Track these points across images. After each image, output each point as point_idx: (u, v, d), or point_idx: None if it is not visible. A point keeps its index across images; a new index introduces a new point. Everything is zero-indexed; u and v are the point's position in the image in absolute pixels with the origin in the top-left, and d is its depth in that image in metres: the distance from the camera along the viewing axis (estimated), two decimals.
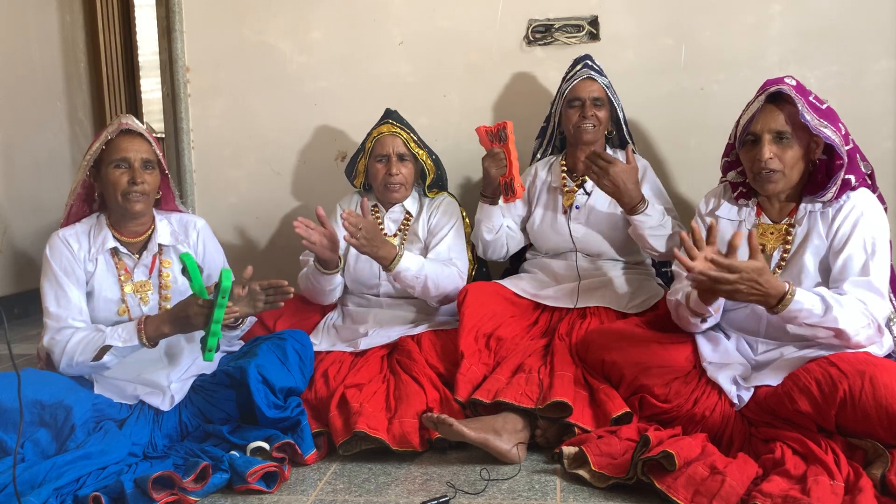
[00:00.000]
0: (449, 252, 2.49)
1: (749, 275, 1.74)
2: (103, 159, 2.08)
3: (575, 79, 2.52)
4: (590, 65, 2.54)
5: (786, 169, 1.95)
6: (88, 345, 1.99)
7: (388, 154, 2.50)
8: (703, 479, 1.64)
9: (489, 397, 2.01)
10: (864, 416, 1.69)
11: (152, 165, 2.10)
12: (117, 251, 2.13)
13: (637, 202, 2.31)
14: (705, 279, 1.77)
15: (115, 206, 2.10)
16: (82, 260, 2.09)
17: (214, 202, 3.18)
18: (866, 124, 2.59)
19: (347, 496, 1.80)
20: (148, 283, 2.13)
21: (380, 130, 2.54)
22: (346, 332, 2.46)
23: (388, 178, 2.50)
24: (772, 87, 1.95)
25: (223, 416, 2.05)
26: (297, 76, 3.09)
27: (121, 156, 2.05)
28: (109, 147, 2.07)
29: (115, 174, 2.05)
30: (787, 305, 1.77)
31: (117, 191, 2.05)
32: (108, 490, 1.75)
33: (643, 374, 1.98)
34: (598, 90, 2.50)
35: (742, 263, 1.75)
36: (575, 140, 2.55)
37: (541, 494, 1.76)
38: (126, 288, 2.11)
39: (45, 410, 1.91)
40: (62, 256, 2.07)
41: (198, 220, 2.27)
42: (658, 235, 2.34)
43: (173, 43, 3.11)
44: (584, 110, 2.48)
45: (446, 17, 2.97)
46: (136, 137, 2.09)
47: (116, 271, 2.12)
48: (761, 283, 1.75)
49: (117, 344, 1.98)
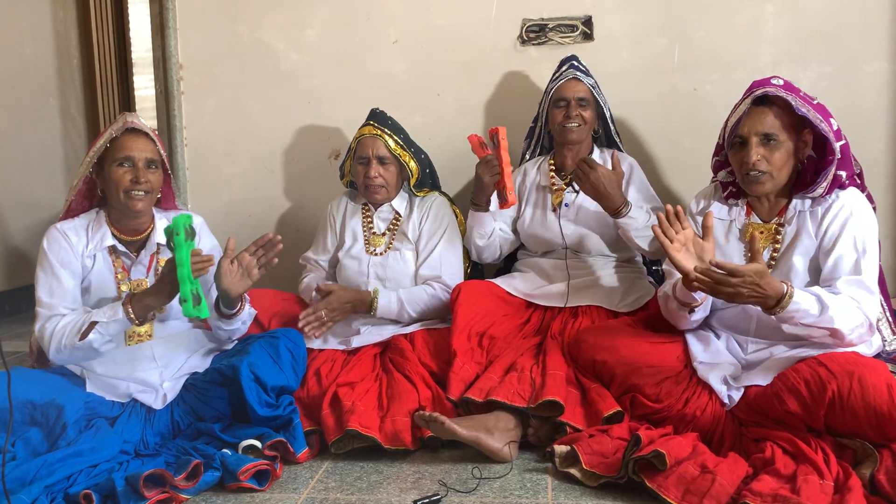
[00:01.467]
0: (440, 262, 2.49)
1: (751, 278, 1.75)
2: (107, 157, 2.07)
3: (561, 79, 2.53)
4: (575, 65, 2.57)
5: (774, 170, 1.96)
6: (74, 326, 1.99)
7: (368, 156, 2.49)
8: (693, 479, 1.64)
9: (481, 396, 2.02)
10: (852, 416, 1.70)
11: (156, 165, 2.10)
12: (115, 249, 2.12)
13: (620, 206, 2.33)
14: (707, 280, 1.78)
15: (116, 204, 2.09)
16: (80, 254, 2.09)
17: (207, 200, 3.18)
18: (858, 125, 2.60)
19: (339, 494, 1.80)
20: (145, 282, 2.12)
21: (362, 132, 2.53)
22: (338, 330, 2.46)
23: (367, 180, 2.49)
24: (758, 90, 1.96)
25: (215, 415, 2.05)
26: (291, 74, 3.09)
27: (125, 154, 2.05)
28: (114, 145, 2.06)
29: (118, 172, 2.05)
30: (786, 307, 1.78)
31: (120, 189, 2.05)
32: (99, 488, 1.75)
33: (634, 374, 1.99)
34: (583, 90, 2.51)
35: (744, 267, 1.76)
36: (561, 139, 2.57)
37: (532, 493, 1.77)
38: (122, 287, 2.11)
39: (37, 410, 1.90)
40: (60, 247, 2.07)
41: (196, 218, 2.25)
42: (644, 236, 2.36)
43: (167, 40, 3.11)
44: (568, 110, 2.50)
45: (441, 16, 2.97)
46: (140, 136, 2.08)
47: (113, 269, 2.11)
48: (762, 285, 1.76)
49: (102, 319, 1.97)
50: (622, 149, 2.66)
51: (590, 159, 2.35)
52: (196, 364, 2.16)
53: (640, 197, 2.51)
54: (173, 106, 3.13)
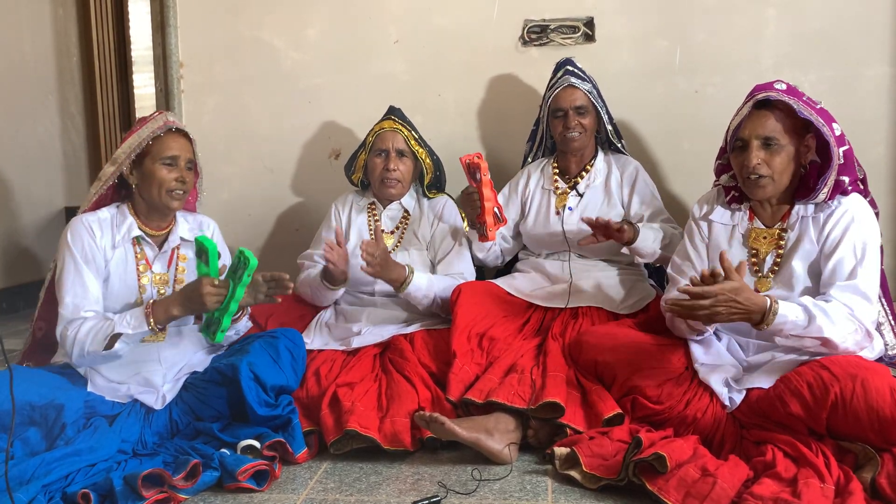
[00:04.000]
0: (459, 262, 2.52)
1: (725, 295, 1.74)
2: (148, 154, 2.10)
3: (556, 87, 2.51)
4: (571, 70, 2.54)
5: (774, 174, 1.95)
6: (98, 334, 1.98)
7: (388, 149, 2.51)
8: (694, 481, 1.64)
9: (481, 397, 2.01)
10: (854, 419, 1.70)
11: (192, 166, 2.17)
12: (140, 240, 2.14)
13: (627, 241, 2.32)
14: (679, 309, 1.77)
15: (153, 201, 2.12)
16: (103, 247, 2.10)
17: (207, 198, 3.14)
18: (859, 129, 2.58)
19: (338, 495, 1.79)
20: (165, 276, 2.15)
21: (381, 126, 2.56)
22: (338, 330, 2.45)
23: (386, 173, 2.50)
24: (760, 94, 1.96)
25: (214, 414, 2.04)
26: (292, 73, 3.08)
27: (170, 154, 2.09)
28: (157, 144, 2.09)
29: (162, 171, 2.08)
30: (773, 320, 1.78)
31: (163, 188, 2.08)
32: (97, 487, 1.74)
33: (636, 376, 1.98)
34: (581, 98, 2.50)
35: (713, 287, 1.75)
36: (563, 148, 2.57)
37: (532, 495, 1.76)
38: (143, 279, 2.12)
39: (36, 411, 1.90)
40: (83, 242, 2.07)
41: (211, 222, 2.32)
42: (658, 252, 2.36)
43: (167, 38, 3.11)
44: (567, 121, 2.49)
45: (442, 16, 2.97)
46: (181, 137, 2.13)
47: (136, 260, 2.13)
48: (741, 301, 1.76)
49: (127, 331, 1.97)
50: (624, 151, 2.65)
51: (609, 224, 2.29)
52: (195, 363, 2.15)
53: (642, 206, 2.50)
54: (173, 104, 3.13)
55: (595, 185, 2.56)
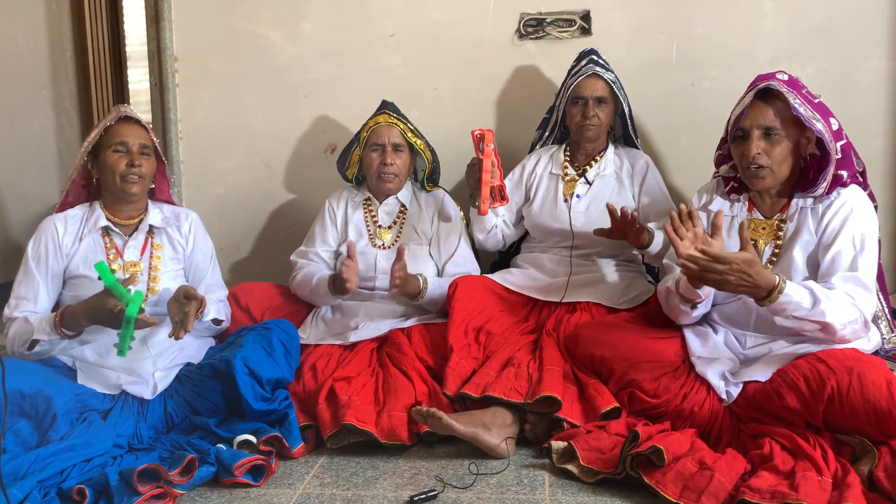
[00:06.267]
0: (464, 259, 2.53)
1: (739, 266, 1.76)
2: (102, 144, 2.15)
3: (579, 75, 2.50)
4: (595, 60, 2.52)
5: (774, 165, 1.95)
6: (22, 336, 2.05)
7: (384, 143, 2.50)
8: (691, 475, 1.64)
9: (478, 391, 2.01)
10: (851, 412, 1.70)
11: (149, 151, 2.19)
12: (108, 230, 2.17)
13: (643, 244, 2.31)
14: (694, 267, 1.78)
15: (112, 189, 2.16)
16: (64, 244, 2.14)
17: (202, 193, 3.15)
18: (857, 123, 2.58)
19: (335, 490, 1.79)
20: (138, 264, 2.17)
21: (376, 120, 2.54)
22: (335, 325, 2.44)
23: (383, 167, 2.49)
24: (761, 84, 1.96)
25: (210, 407, 2.04)
26: (288, 67, 3.06)
27: (119, 140, 2.14)
28: (108, 133, 2.15)
29: (113, 157, 2.13)
30: (777, 298, 1.78)
31: (116, 174, 2.12)
32: (92, 482, 1.73)
33: (632, 369, 1.98)
34: (602, 88, 2.49)
35: (731, 255, 1.77)
36: (577, 137, 2.56)
37: (529, 489, 1.76)
38: (115, 266, 2.13)
39: (25, 400, 1.89)
40: (40, 243, 2.15)
41: (191, 213, 2.33)
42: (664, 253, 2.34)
43: (162, 32, 3.09)
44: (586, 109, 2.48)
45: (438, 10, 2.95)
46: (133, 124, 2.18)
47: (105, 251, 2.15)
48: (751, 274, 1.77)
49: (42, 338, 2.02)
50: (638, 146, 2.65)
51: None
52: (190, 354, 2.15)
53: (650, 205, 2.49)
54: (168, 99, 3.11)
55: (605, 174, 2.55)
